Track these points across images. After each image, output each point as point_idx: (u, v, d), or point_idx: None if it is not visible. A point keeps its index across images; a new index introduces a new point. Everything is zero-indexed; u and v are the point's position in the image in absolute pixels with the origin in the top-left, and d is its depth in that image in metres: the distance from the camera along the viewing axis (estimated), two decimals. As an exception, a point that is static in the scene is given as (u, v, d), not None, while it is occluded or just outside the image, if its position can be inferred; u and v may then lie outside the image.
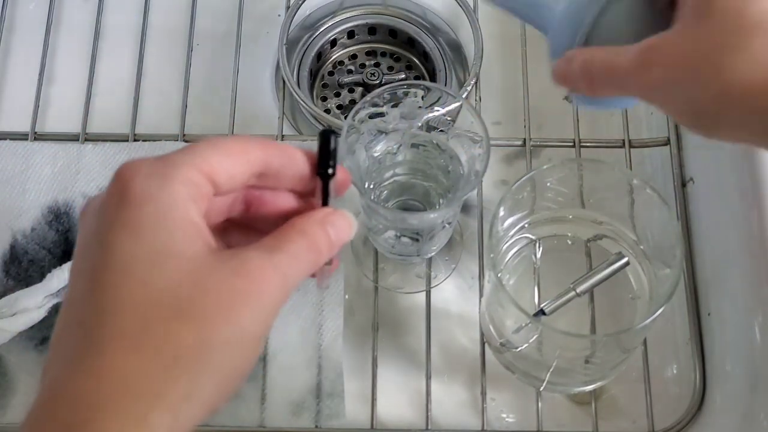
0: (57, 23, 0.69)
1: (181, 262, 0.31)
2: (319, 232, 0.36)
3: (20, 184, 0.61)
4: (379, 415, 0.55)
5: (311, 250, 0.35)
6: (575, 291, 0.50)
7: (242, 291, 0.32)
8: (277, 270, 0.33)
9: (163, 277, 0.31)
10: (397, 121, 0.52)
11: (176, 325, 0.30)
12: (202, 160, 0.33)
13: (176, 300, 0.31)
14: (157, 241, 0.31)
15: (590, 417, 0.55)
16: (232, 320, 0.31)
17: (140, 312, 0.30)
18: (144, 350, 0.30)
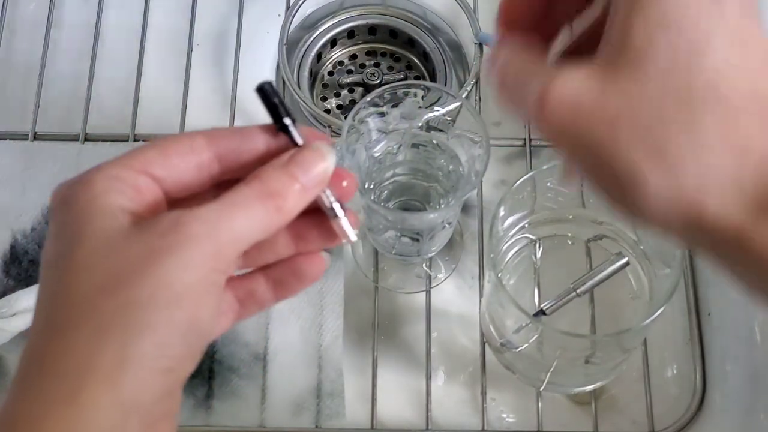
0: (57, 23, 0.69)
1: (96, 241, 0.31)
2: (278, 174, 0.33)
3: (20, 184, 0.61)
4: (379, 414, 0.55)
5: (262, 196, 0.32)
6: (575, 291, 0.50)
7: (159, 247, 0.30)
8: (202, 223, 0.31)
9: (81, 260, 0.31)
10: (397, 121, 0.52)
11: (93, 297, 0.30)
12: (132, 157, 0.33)
13: (92, 276, 0.30)
14: (74, 235, 0.31)
15: (590, 417, 0.55)
16: (151, 278, 0.30)
17: (60, 299, 0.31)
18: (63, 331, 0.30)
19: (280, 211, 0.32)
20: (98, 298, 0.30)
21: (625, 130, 0.27)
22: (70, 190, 0.33)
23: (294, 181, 0.33)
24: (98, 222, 0.31)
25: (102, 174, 0.33)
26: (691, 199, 0.27)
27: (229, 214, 0.32)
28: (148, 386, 0.29)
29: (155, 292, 0.30)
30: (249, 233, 0.32)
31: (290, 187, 0.33)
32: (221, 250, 0.31)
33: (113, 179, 0.32)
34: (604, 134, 0.28)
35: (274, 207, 0.32)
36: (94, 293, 0.30)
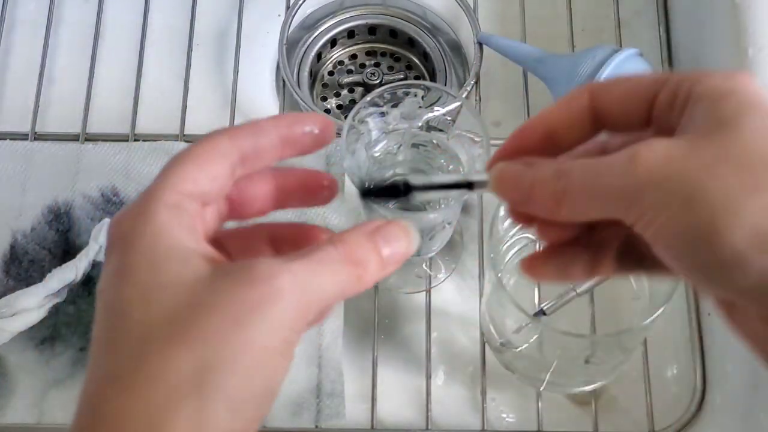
0: (57, 23, 0.69)
1: (176, 290, 0.29)
2: (363, 241, 0.32)
3: (20, 184, 0.61)
4: (379, 414, 0.55)
5: (348, 261, 0.31)
6: (575, 291, 0.50)
7: (246, 301, 0.29)
8: (294, 277, 0.29)
9: (157, 310, 0.29)
10: (397, 121, 0.52)
11: (173, 352, 0.28)
12: (177, 179, 0.32)
13: (172, 326, 0.29)
14: (148, 278, 0.30)
15: (590, 417, 0.55)
16: (235, 336, 0.28)
17: (136, 348, 0.29)
18: (138, 386, 0.28)
19: (360, 280, 0.31)
20: (173, 354, 0.28)
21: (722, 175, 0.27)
22: (130, 224, 0.31)
23: (376, 254, 0.32)
24: (176, 267, 0.30)
25: (160, 204, 0.31)
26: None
27: (318, 272, 0.30)
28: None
29: (236, 358, 0.28)
30: (331, 295, 0.31)
31: (372, 257, 0.32)
32: (307, 310, 0.30)
33: (172, 209, 0.31)
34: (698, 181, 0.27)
35: (356, 276, 0.31)
36: (170, 348, 0.28)
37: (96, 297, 0.32)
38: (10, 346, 0.56)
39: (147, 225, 0.30)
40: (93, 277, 0.58)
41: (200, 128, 0.64)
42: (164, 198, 0.31)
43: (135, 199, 0.32)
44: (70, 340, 0.56)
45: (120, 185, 0.61)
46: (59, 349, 0.56)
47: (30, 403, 0.55)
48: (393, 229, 0.33)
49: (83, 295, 0.58)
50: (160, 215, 0.31)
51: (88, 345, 0.56)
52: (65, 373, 0.56)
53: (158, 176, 0.32)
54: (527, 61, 0.62)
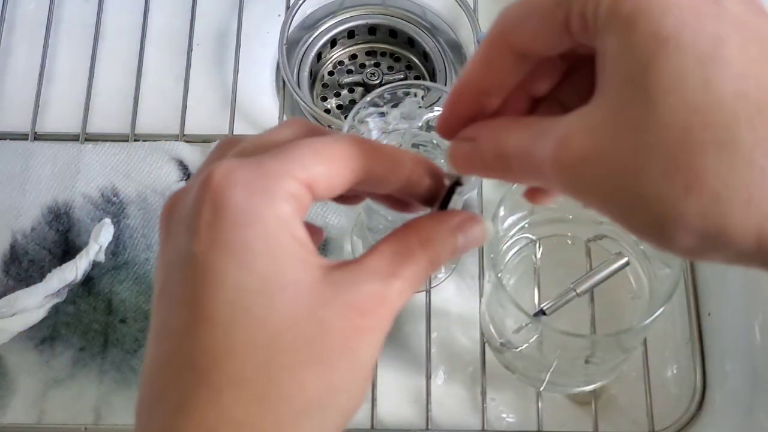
0: (57, 23, 0.69)
1: (296, 294, 0.27)
2: (449, 240, 0.31)
3: (20, 184, 0.61)
4: (379, 414, 0.55)
5: (432, 266, 0.31)
6: (575, 291, 0.50)
7: (360, 328, 0.28)
8: (393, 302, 0.29)
9: (279, 314, 0.27)
10: (397, 121, 0.52)
11: (301, 371, 0.27)
12: (301, 168, 0.28)
13: (297, 341, 0.27)
14: (269, 270, 0.27)
15: (590, 417, 0.55)
16: (352, 361, 0.28)
17: (260, 355, 0.27)
18: (268, 399, 0.27)
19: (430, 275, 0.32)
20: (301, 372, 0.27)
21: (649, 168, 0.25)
22: (248, 199, 0.27)
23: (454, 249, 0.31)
24: (297, 268, 0.28)
25: (284, 190, 0.28)
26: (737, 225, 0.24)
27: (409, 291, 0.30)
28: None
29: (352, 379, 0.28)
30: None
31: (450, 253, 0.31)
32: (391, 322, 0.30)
33: (293, 200, 0.28)
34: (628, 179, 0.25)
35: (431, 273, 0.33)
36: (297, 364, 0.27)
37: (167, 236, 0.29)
38: (10, 346, 0.56)
39: (268, 209, 0.27)
40: (93, 277, 0.58)
41: (200, 128, 0.64)
42: (286, 184, 0.28)
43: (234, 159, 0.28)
44: (70, 341, 0.56)
45: (120, 185, 0.61)
46: (59, 349, 0.56)
47: (30, 403, 0.55)
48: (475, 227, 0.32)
49: (83, 295, 0.58)
50: (281, 202, 0.27)
51: (88, 345, 0.56)
52: (65, 373, 0.56)
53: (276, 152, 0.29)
54: None
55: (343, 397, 0.28)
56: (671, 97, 0.24)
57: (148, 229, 0.59)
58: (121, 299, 0.57)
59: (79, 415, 0.55)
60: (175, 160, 0.62)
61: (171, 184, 0.61)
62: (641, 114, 0.25)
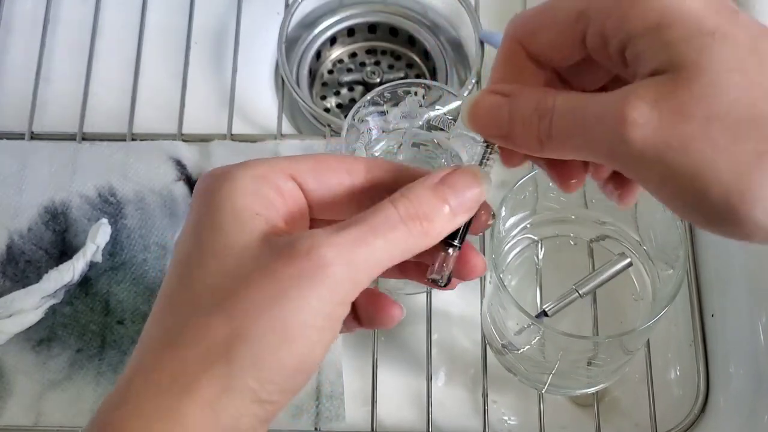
0: (54, 21, 0.69)
1: (228, 256, 0.30)
2: (428, 196, 0.30)
3: (17, 184, 0.61)
4: (379, 417, 0.55)
5: (410, 218, 0.30)
6: (578, 292, 0.50)
7: (285, 277, 0.29)
8: (338, 251, 0.29)
9: (207, 273, 0.30)
10: (397, 120, 0.52)
11: (213, 321, 0.29)
12: (286, 161, 0.32)
13: (216, 294, 0.30)
14: (211, 238, 0.30)
15: (593, 419, 0.54)
16: (270, 312, 0.29)
17: (181, 309, 0.30)
18: (177, 346, 0.29)
19: (427, 235, 0.30)
20: (213, 323, 0.29)
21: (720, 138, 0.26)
22: (214, 181, 0.31)
23: (444, 204, 0.30)
24: (233, 233, 0.30)
25: (248, 171, 0.31)
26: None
27: (369, 240, 0.29)
28: (247, 415, 0.29)
29: (268, 331, 0.29)
30: (387, 259, 0.30)
31: (440, 210, 0.30)
32: (353, 281, 0.29)
33: (258, 178, 0.31)
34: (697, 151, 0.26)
35: (421, 231, 0.30)
36: (211, 316, 0.29)
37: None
38: (7, 347, 0.56)
39: (225, 185, 0.31)
40: (90, 278, 0.58)
41: (198, 127, 0.64)
42: (254, 167, 0.31)
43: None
44: (67, 342, 0.56)
45: (117, 185, 0.60)
46: (56, 350, 0.56)
47: (27, 405, 0.55)
48: (461, 176, 0.31)
49: (80, 296, 0.57)
50: (241, 179, 0.31)
51: (85, 346, 0.56)
52: (62, 374, 0.55)
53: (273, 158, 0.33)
54: None
55: (255, 348, 0.29)
56: (734, 75, 0.26)
57: (145, 229, 0.59)
58: (119, 300, 0.57)
59: (76, 416, 0.54)
60: (172, 159, 0.61)
61: (169, 183, 0.60)
62: (707, 88, 0.26)
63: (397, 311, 0.35)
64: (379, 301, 0.34)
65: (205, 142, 0.63)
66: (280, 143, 0.62)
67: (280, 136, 0.63)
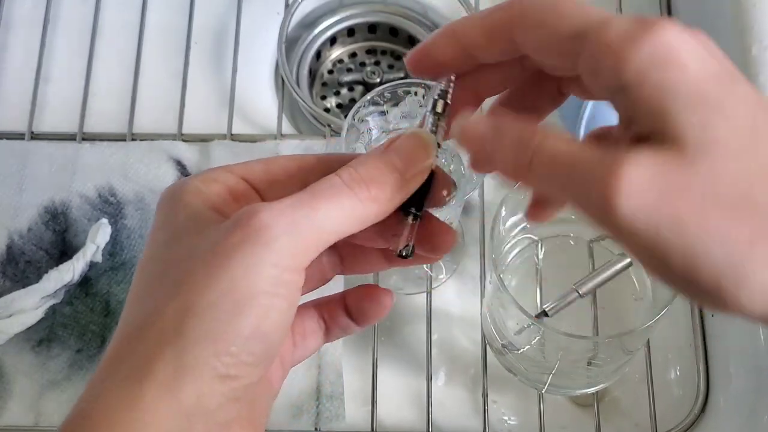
0: (54, 21, 0.69)
1: (182, 245, 0.30)
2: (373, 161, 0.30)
3: (17, 184, 0.61)
4: (379, 417, 0.55)
5: (356, 184, 0.30)
6: (578, 292, 0.49)
7: (229, 246, 0.28)
8: (279, 214, 0.29)
9: (162, 264, 0.31)
10: (397, 120, 0.52)
11: (162, 299, 0.29)
12: (236, 165, 0.33)
13: (164, 272, 0.30)
14: (164, 235, 0.32)
15: (593, 419, 0.54)
16: (217, 280, 0.28)
17: (140, 297, 0.31)
18: (135, 331, 0.29)
19: (375, 200, 0.30)
20: (162, 300, 0.29)
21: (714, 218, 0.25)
22: (171, 189, 0.33)
23: (392, 170, 0.30)
24: (185, 225, 0.31)
25: (202, 176, 0.32)
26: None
27: (313, 204, 0.29)
28: (209, 393, 0.29)
29: (216, 300, 0.28)
30: (335, 226, 0.29)
31: (387, 174, 0.30)
32: (300, 247, 0.29)
33: (210, 181, 0.32)
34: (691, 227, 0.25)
35: (368, 196, 0.30)
36: (161, 297, 0.29)
37: None
38: (7, 347, 0.56)
39: (178, 188, 0.32)
40: (90, 278, 0.58)
41: (198, 128, 0.64)
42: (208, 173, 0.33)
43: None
44: (67, 342, 0.56)
45: (117, 185, 0.60)
46: (56, 350, 0.56)
47: (27, 405, 0.54)
48: (406, 140, 0.31)
49: (80, 297, 0.57)
50: (193, 182, 0.32)
51: (85, 347, 0.56)
52: (62, 375, 0.55)
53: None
54: None
55: (206, 320, 0.28)
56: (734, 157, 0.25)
57: (145, 229, 0.59)
58: (119, 300, 0.57)
59: (76, 417, 0.54)
60: (173, 159, 0.61)
61: (168, 183, 0.60)
62: (709, 171, 0.25)
63: (386, 298, 0.34)
64: (367, 291, 0.35)
65: (205, 142, 0.63)
66: (280, 143, 0.62)
67: (280, 136, 0.63)
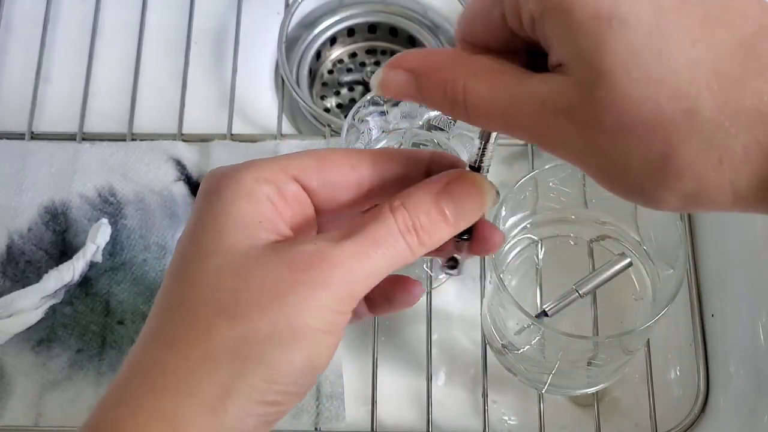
0: (54, 21, 0.69)
1: (229, 257, 0.30)
2: (429, 208, 0.31)
3: (17, 184, 0.61)
4: (379, 417, 0.55)
5: (408, 232, 0.30)
6: (578, 292, 0.49)
7: (288, 282, 0.29)
8: (338, 258, 0.29)
9: (208, 274, 0.30)
10: (397, 120, 0.52)
11: (215, 321, 0.29)
12: (288, 161, 0.32)
13: (216, 295, 0.30)
14: (210, 240, 0.31)
15: (593, 419, 0.54)
16: (274, 313, 0.29)
17: (184, 310, 0.30)
18: (179, 346, 0.29)
19: (423, 246, 0.31)
20: (216, 322, 0.29)
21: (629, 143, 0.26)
22: (219, 181, 0.31)
23: (443, 218, 0.31)
24: (236, 234, 0.30)
25: (253, 172, 0.31)
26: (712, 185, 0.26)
27: (369, 253, 0.30)
28: (250, 417, 0.29)
29: (275, 330, 0.29)
30: (384, 270, 0.31)
31: (439, 223, 0.31)
32: (352, 293, 0.30)
33: (262, 181, 0.31)
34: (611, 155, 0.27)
35: (418, 242, 0.31)
36: (213, 315, 0.29)
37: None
38: (7, 347, 0.55)
39: (228, 186, 0.31)
40: (90, 278, 0.58)
41: (198, 127, 0.64)
42: (259, 168, 0.31)
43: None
44: (67, 342, 0.56)
45: (117, 185, 0.60)
46: (56, 350, 0.56)
47: (27, 405, 0.54)
48: (463, 188, 0.31)
49: (80, 297, 0.57)
50: (246, 181, 0.31)
51: (85, 347, 0.56)
52: (62, 374, 0.55)
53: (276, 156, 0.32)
54: None
55: (262, 350, 0.29)
56: (633, 74, 0.25)
57: (145, 229, 0.59)
58: (119, 300, 0.57)
59: (76, 417, 0.54)
60: (173, 159, 0.61)
61: (169, 183, 0.60)
62: (610, 94, 0.25)
63: (417, 289, 0.35)
64: (400, 281, 0.35)
65: (205, 142, 0.63)
66: (280, 143, 0.62)
67: (280, 136, 0.63)
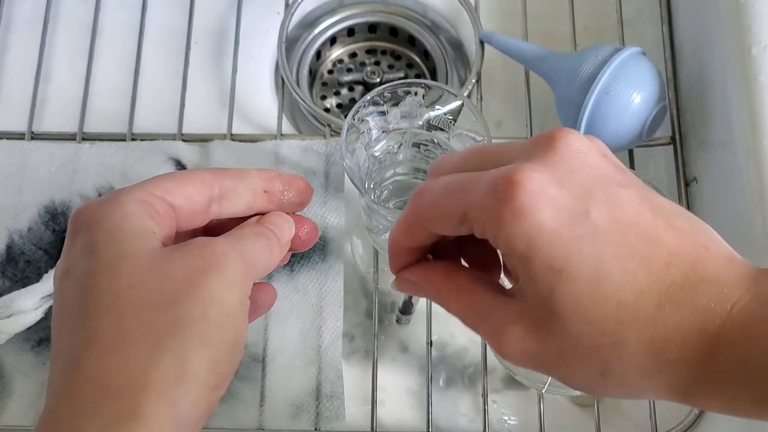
0: (54, 21, 0.69)
1: (137, 260, 0.33)
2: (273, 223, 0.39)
3: (17, 184, 0.61)
4: (379, 417, 0.54)
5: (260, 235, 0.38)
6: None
7: (200, 267, 0.33)
8: (232, 246, 0.35)
9: (121, 279, 0.32)
10: (397, 120, 0.52)
11: (147, 315, 0.31)
12: (152, 185, 0.36)
13: (140, 292, 0.32)
14: (113, 251, 0.33)
15: (593, 419, 0.54)
16: (198, 296, 0.32)
17: (108, 316, 0.31)
18: (120, 347, 0.30)
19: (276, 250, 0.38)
20: (149, 316, 0.31)
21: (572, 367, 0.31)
22: (98, 210, 0.35)
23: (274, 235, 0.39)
24: (137, 242, 0.34)
25: (130, 197, 0.35)
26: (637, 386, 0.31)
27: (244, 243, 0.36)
28: (198, 404, 0.31)
29: (207, 310, 0.32)
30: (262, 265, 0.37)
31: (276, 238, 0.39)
32: (251, 272, 0.35)
33: (141, 202, 0.35)
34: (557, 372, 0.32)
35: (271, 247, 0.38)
36: (144, 311, 0.31)
37: (58, 279, 0.34)
38: (7, 347, 0.55)
39: (114, 209, 0.34)
40: (90, 278, 0.58)
41: (198, 128, 0.64)
42: (132, 193, 0.35)
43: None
44: (67, 342, 0.56)
45: (117, 185, 0.60)
46: (56, 350, 0.56)
47: (26, 405, 0.54)
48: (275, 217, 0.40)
49: (80, 297, 0.57)
50: (128, 204, 0.35)
51: (85, 347, 0.56)
52: (62, 375, 0.55)
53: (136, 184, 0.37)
54: (529, 59, 0.62)
55: (199, 329, 0.31)
56: (575, 317, 0.30)
57: (145, 229, 0.59)
58: (119, 300, 0.57)
59: (76, 417, 0.54)
60: (172, 159, 0.61)
61: (169, 183, 0.60)
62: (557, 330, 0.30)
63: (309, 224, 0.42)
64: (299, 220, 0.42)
65: (205, 142, 0.62)
66: (280, 143, 0.62)
67: (280, 136, 0.63)
